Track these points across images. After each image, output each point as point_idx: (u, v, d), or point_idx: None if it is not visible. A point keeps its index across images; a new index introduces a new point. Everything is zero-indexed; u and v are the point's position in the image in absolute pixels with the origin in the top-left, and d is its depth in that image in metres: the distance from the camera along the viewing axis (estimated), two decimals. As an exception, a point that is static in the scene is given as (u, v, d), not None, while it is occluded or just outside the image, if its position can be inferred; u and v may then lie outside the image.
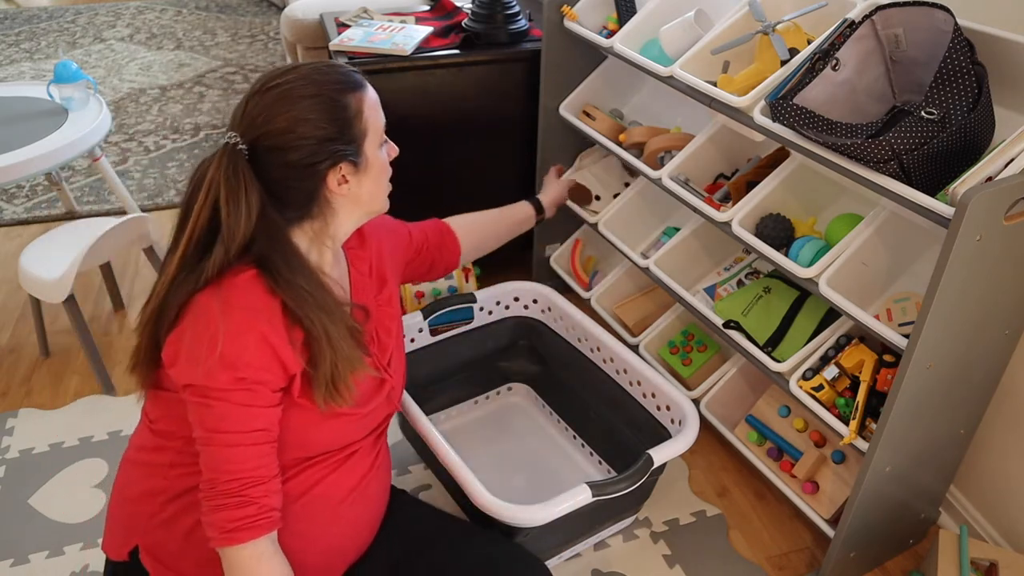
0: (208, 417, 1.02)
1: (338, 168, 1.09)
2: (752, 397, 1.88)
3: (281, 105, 1.05)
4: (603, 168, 2.25)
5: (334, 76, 1.09)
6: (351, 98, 1.10)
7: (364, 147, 1.12)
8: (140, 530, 1.14)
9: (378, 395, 1.22)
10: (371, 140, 1.13)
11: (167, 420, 1.12)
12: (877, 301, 1.54)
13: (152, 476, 1.13)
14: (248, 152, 1.05)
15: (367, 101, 1.12)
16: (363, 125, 1.11)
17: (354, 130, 1.10)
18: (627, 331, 2.11)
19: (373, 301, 1.28)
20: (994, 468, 1.63)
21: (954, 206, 1.14)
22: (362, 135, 1.11)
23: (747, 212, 1.62)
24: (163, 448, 1.12)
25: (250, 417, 1.02)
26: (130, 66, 4.35)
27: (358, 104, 1.10)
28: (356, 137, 1.10)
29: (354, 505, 1.19)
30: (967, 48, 1.23)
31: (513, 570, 1.21)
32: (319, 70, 1.09)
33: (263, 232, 1.06)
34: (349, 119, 1.09)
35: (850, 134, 1.34)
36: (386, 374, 1.25)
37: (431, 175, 2.29)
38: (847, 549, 1.54)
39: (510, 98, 2.24)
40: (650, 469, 1.45)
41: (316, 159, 1.07)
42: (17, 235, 2.84)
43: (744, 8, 1.65)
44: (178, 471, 1.11)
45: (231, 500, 1.01)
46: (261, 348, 1.02)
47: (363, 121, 1.11)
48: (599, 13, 2.07)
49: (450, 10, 2.43)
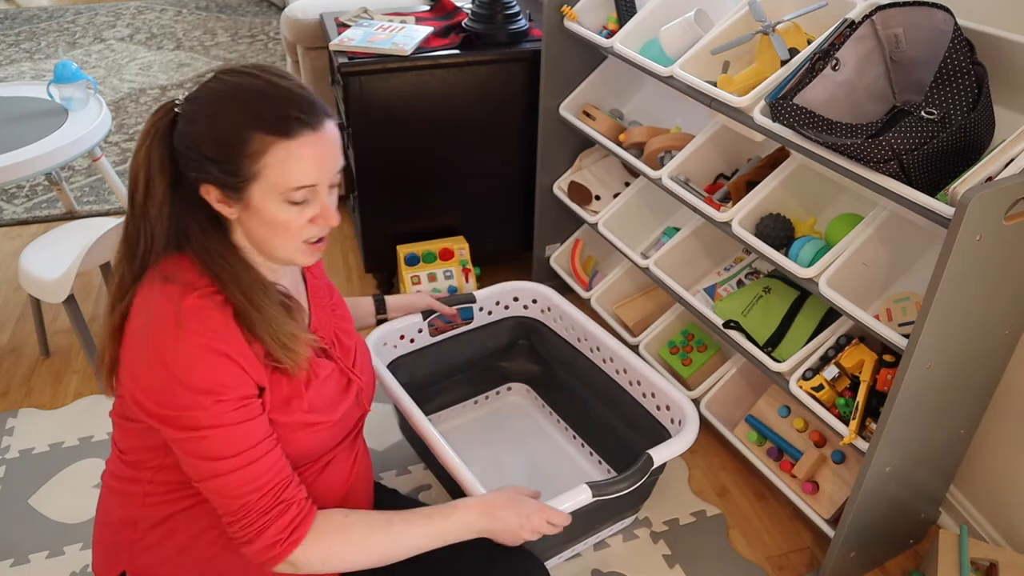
0: (206, 449, 0.98)
1: (208, 187, 1.00)
2: (752, 397, 1.88)
3: (201, 96, 0.99)
4: (603, 168, 2.25)
5: (262, 105, 0.97)
6: (256, 137, 0.96)
7: (251, 188, 0.98)
8: (125, 557, 1.13)
9: (346, 398, 1.19)
10: (263, 188, 0.98)
11: (137, 451, 1.10)
12: (877, 301, 1.54)
13: (129, 504, 1.12)
14: (175, 117, 1.01)
15: (276, 151, 0.96)
16: (256, 169, 0.97)
17: (241, 167, 0.97)
18: (627, 331, 2.11)
19: (328, 304, 1.26)
20: (994, 468, 1.63)
21: (954, 206, 1.14)
22: (250, 176, 0.98)
23: (747, 212, 1.62)
24: (136, 479, 1.11)
25: (250, 432, 1.01)
26: (130, 66, 4.35)
27: (261, 147, 0.96)
28: (241, 174, 0.97)
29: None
30: (967, 48, 1.23)
31: (511, 570, 1.21)
32: (254, 90, 0.98)
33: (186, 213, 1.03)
34: (240, 154, 0.96)
35: (850, 134, 1.34)
36: (352, 374, 1.22)
37: (431, 175, 2.29)
38: (847, 549, 1.54)
39: (510, 98, 2.24)
40: (650, 469, 1.45)
41: (188, 165, 0.99)
42: (17, 235, 2.84)
43: (744, 8, 1.65)
44: (154, 499, 1.10)
45: (273, 513, 1.00)
46: (228, 366, 0.99)
47: (259, 165, 0.97)
48: (599, 13, 2.07)
49: (450, 10, 2.43)
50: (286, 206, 1.00)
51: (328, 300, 1.27)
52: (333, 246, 2.78)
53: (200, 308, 0.99)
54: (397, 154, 2.23)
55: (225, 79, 0.99)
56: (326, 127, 1.00)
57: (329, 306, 1.26)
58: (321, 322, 1.20)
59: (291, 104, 0.97)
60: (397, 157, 2.23)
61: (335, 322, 1.25)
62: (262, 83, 0.98)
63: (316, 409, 1.12)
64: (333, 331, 1.23)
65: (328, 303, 1.26)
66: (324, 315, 1.22)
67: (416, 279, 2.30)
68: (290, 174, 0.98)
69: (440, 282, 2.31)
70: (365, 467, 1.30)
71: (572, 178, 2.25)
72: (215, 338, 0.98)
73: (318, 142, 0.99)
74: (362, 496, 1.27)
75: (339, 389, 1.18)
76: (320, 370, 1.13)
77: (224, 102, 0.98)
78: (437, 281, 2.31)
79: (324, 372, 1.14)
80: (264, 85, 0.98)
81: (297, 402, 1.08)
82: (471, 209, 2.40)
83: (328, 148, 1.00)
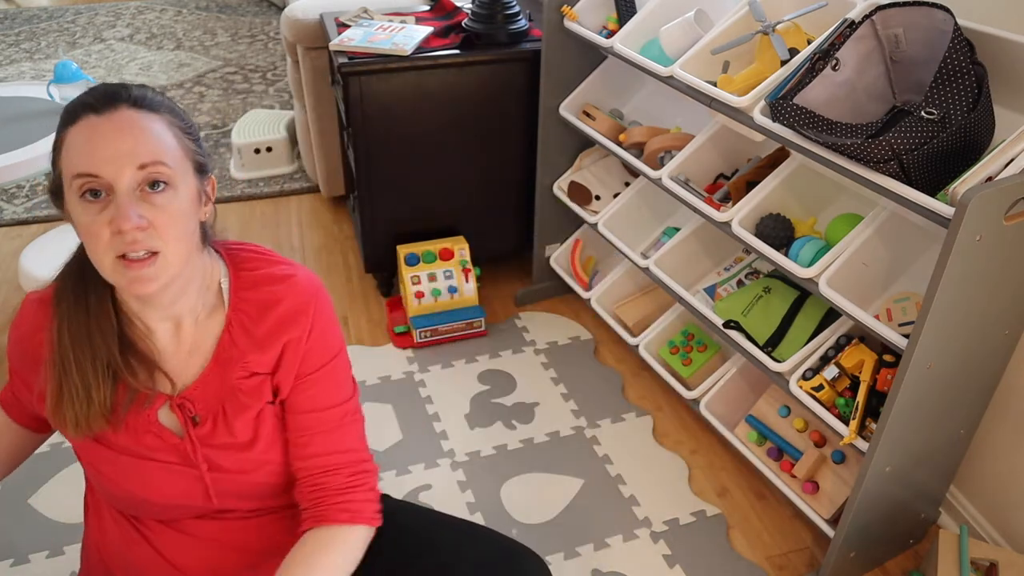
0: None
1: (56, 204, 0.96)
2: (752, 397, 1.88)
3: None
4: (603, 168, 2.25)
5: (71, 103, 0.94)
6: (61, 132, 0.93)
7: (64, 188, 0.93)
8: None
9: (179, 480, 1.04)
10: (66, 186, 0.92)
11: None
12: (877, 301, 1.54)
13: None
14: None
15: (70, 136, 0.91)
16: (60, 161, 0.93)
17: (55, 165, 0.94)
18: (627, 331, 2.11)
19: (230, 384, 1.05)
20: (994, 468, 1.63)
21: (954, 206, 1.14)
22: (57, 172, 0.93)
23: (747, 212, 1.62)
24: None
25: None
26: (130, 66, 4.35)
27: (61, 139, 0.92)
28: (55, 171, 0.94)
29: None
30: (967, 48, 1.23)
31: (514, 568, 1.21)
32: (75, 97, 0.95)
33: None
34: (55, 151, 0.94)
35: (850, 134, 1.34)
36: (196, 464, 1.04)
37: (431, 175, 2.29)
38: (847, 549, 1.54)
39: (510, 98, 2.24)
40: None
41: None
42: (17, 235, 2.84)
43: (744, 8, 1.65)
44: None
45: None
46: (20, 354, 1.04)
47: (60, 156, 0.92)
48: (599, 13, 2.07)
49: (450, 10, 2.43)
50: (82, 204, 0.90)
51: (234, 373, 1.04)
52: (333, 246, 2.78)
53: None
54: (397, 154, 2.23)
55: None
56: (117, 113, 0.91)
57: (232, 379, 1.05)
58: (208, 390, 1.04)
59: (89, 93, 0.93)
60: (397, 157, 2.23)
61: (231, 398, 1.05)
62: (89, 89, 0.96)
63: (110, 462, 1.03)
64: (218, 407, 1.05)
65: (232, 376, 1.04)
66: (218, 384, 1.05)
67: (416, 279, 2.30)
68: (71, 161, 0.91)
69: (440, 282, 2.31)
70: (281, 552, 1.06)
71: (572, 178, 2.25)
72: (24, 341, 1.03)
73: (98, 126, 0.90)
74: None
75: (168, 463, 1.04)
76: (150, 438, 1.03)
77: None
78: (437, 281, 2.31)
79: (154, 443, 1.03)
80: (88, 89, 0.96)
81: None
82: (471, 209, 2.40)
83: (112, 135, 0.90)
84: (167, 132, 0.94)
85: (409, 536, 1.26)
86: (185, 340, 1.04)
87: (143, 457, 1.03)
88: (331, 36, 2.24)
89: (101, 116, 0.90)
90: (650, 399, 2.11)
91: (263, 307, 1.06)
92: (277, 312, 1.06)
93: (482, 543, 1.21)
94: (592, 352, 2.27)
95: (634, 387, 2.16)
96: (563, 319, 2.40)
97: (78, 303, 0.98)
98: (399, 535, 1.26)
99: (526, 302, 2.47)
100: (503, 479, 1.86)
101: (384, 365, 2.21)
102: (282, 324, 1.06)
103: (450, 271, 2.32)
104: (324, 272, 2.63)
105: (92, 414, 0.98)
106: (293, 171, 3.22)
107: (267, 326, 1.06)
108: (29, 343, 1.03)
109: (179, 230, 0.94)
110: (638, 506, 1.80)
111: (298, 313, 1.06)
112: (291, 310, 1.06)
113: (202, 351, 1.04)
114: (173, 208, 0.93)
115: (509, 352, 2.27)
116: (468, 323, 2.29)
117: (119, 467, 1.03)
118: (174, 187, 0.93)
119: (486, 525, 1.45)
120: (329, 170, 2.85)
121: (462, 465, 1.90)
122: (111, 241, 0.90)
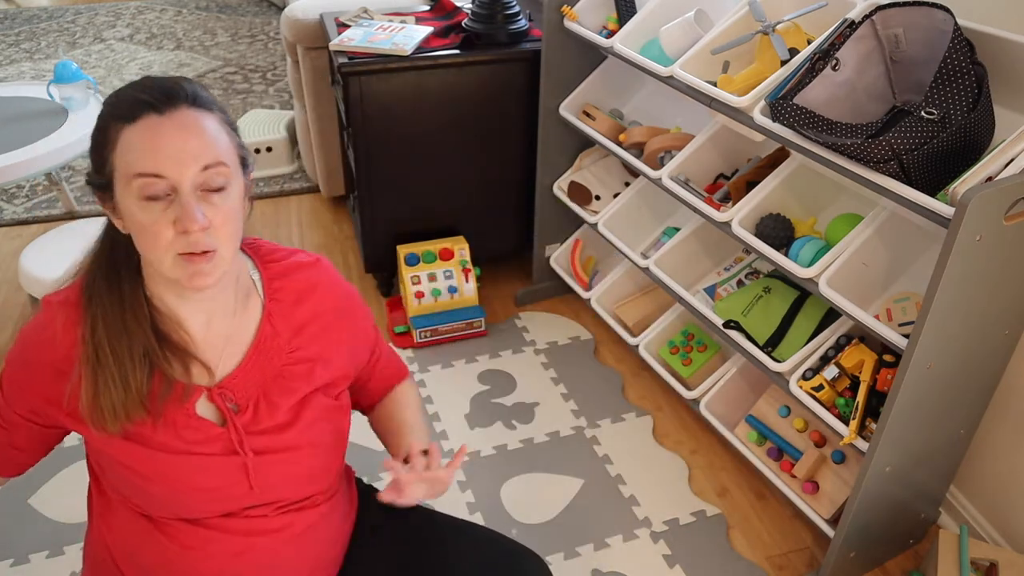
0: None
1: (98, 200, 0.97)
2: (752, 397, 1.88)
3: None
4: (603, 168, 2.25)
5: (121, 96, 0.94)
6: (112, 127, 0.92)
7: (116, 188, 0.93)
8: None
9: (220, 472, 1.04)
10: (121, 184, 0.92)
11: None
12: (877, 301, 1.54)
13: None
14: None
15: (126, 136, 0.91)
16: (112, 162, 0.92)
17: (104, 162, 0.93)
18: (627, 331, 2.11)
19: (274, 370, 1.07)
20: (994, 468, 1.63)
21: (954, 206, 1.14)
22: (110, 171, 0.93)
23: (747, 212, 1.62)
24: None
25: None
26: (130, 66, 4.35)
27: (114, 136, 0.92)
28: (104, 170, 0.94)
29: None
30: (967, 48, 1.23)
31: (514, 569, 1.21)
32: (126, 88, 0.95)
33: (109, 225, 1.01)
34: (102, 147, 0.93)
35: (850, 134, 1.34)
36: (240, 450, 1.04)
37: (431, 175, 2.29)
38: (847, 549, 1.54)
39: (510, 98, 2.24)
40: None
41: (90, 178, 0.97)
42: (17, 235, 2.84)
43: (744, 8, 1.65)
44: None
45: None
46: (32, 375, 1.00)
47: (113, 156, 0.92)
48: (599, 13, 2.07)
49: (450, 10, 2.43)
50: (141, 203, 0.91)
51: (278, 360, 1.08)
52: (333, 246, 2.78)
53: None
54: (397, 154, 2.23)
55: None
56: (178, 113, 0.92)
57: (277, 366, 1.07)
58: (248, 379, 1.05)
59: (143, 90, 0.92)
60: (397, 157, 2.23)
61: (274, 383, 1.07)
62: (135, 82, 0.95)
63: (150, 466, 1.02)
64: (260, 393, 1.06)
65: (276, 364, 1.07)
66: (258, 373, 1.06)
67: (416, 279, 2.30)
68: (131, 160, 0.90)
69: (440, 282, 2.31)
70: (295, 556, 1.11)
71: (572, 178, 2.25)
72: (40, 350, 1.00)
73: (160, 126, 0.90)
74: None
75: (209, 454, 1.04)
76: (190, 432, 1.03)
77: (103, 108, 0.96)
78: (437, 281, 2.31)
79: (195, 436, 1.03)
80: (133, 82, 0.95)
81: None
82: (471, 209, 2.40)
83: (176, 135, 0.90)
84: (221, 131, 0.96)
85: (410, 535, 1.26)
86: (219, 332, 1.05)
87: (183, 452, 1.02)
88: (331, 36, 2.24)
89: (163, 116, 0.91)
90: (650, 399, 2.11)
91: (300, 294, 1.10)
92: (316, 296, 1.12)
93: (483, 544, 1.21)
94: (592, 352, 2.27)
95: (634, 387, 2.16)
96: (563, 319, 2.40)
97: (112, 294, 0.99)
98: (400, 534, 1.26)
99: (526, 302, 2.47)
100: (503, 479, 1.86)
101: (384, 365, 2.21)
102: (323, 308, 1.12)
103: (450, 271, 2.32)
104: (324, 272, 2.63)
105: (130, 401, 0.97)
106: (293, 171, 3.22)
107: (307, 310, 1.10)
108: (58, 344, 0.99)
109: (232, 228, 0.96)
110: (638, 506, 1.80)
111: (343, 298, 1.16)
112: (330, 294, 1.14)
113: (240, 341, 1.06)
114: (227, 207, 0.94)
115: (509, 352, 2.27)
116: (468, 323, 2.29)
117: (156, 465, 1.02)
118: (229, 186, 0.95)
119: (486, 525, 1.46)
120: (329, 170, 2.85)
121: (462, 465, 1.90)
122: (174, 240, 0.91)
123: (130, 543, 1.08)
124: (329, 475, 1.15)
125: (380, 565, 1.23)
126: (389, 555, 1.24)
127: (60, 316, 1.00)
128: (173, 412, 1.01)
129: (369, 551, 1.25)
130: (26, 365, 1.02)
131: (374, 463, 1.89)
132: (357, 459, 1.90)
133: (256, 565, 1.09)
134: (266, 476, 1.06)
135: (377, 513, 1.29)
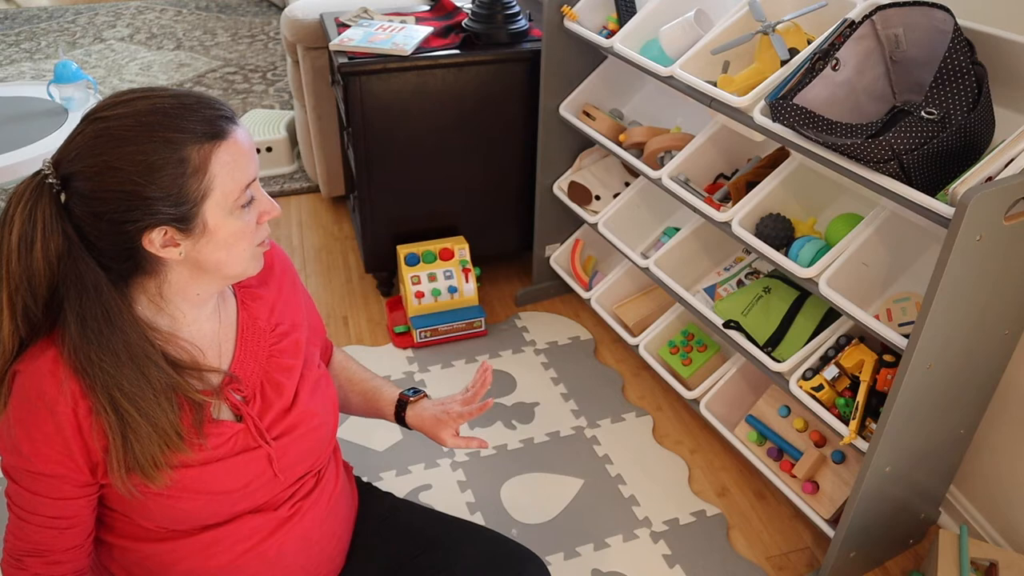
0: (8, 486, 0.96)
1: (160, 230, 0.90)
2: (752, 397, 1.88)
3: (97, 144, 0.87)
4: (603, 168, 2.25)
5: (181, 120, 0.88)
6: (194, 151, 0.88)
7: (203, 210, 0.90)
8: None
9: (247, 466, 1.04)
10: (216, 202, 0.91)
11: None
12: (877, 301, 1.54)
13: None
14: (61, 187, 0.88)
15: (218, 156, 0.90)
16: (205, 185, 0.89)
17: (187, 190, 0.88)
18: (627, 331, 2.11)
19: (264, 352, 1.09)
20: (994, 468, 1.63)
21: (954, 206, 1.14)
22: (200, 196, 0.90)
23: (747, 212, 1.62)
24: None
25: (38, 504, 0.95)
26: (130, 66, 4.35)
27: (203, 159, 0.89)
28: (189, 198, 0.89)
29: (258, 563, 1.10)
30: (967, 48, 1.23)
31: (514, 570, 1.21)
32: (161, 110, 0.88)
33: (71, 283, 0.90)
34: (182, 175, 0.88)
35: (850, 134, 1.34)
36: (263, 441, 1.05)
37: (431, 175, 2.29)
38: (847, 549, 1.54)
39: (510, 98, 2.24)
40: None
41: (125, 217, 0.88)
42: (17, 235, 2.84)
43: (744, 8, 1.65)
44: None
45: (11, 564, 0.98)
46: (51, 441, 0.92)
47: (206, 180, 0.89)
48: (599, 13, 2.07)
49: (450, 10, 2.43)
50: (238, 212, 0.93)
51: (265, 341, 1.10)
52: (333, 246, 2.78)
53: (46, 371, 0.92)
54: (397, 154, 2.23)
55: (109, 116, 0.88)
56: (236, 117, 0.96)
57: (267, 352, 1.10)
58: (247, 368, 1.07)
59: (208, 106, 0.91)
60: (397, 157, 2.23)
61: (270, 365, 1.09)
62: (141, 106, 0.89)
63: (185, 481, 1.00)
64: (262, 379, 1.08)
65: (264, 344, 1.10)
66: (253, 360, 1.08)
67: (416, 279, 2.30)
68: (237, 175, 0.92)
69: (440, 282, 2.31)
70: (302, 550, 1.13)
71: (572, 178, 2.25)
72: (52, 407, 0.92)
73: (242, 135, 0.94)
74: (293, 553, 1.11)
75: (233, 454, 1.03)
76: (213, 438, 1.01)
77: (119, 142, 0.87)
78: (437, 281, 2.31)
79: (217, 441, 1.02)
80: (146, 108, 0.89)
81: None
82: (471, 209, 2.40)
83: (242, 135, 0.94)
84: None
85: (410, 535, 1.26)
86: (211, 332, 1.05)
87: (211, 461, 1.01)
88: (331, 36, 2.24)
89: (238, 125, 0.94)
90: (650, 399, 2.11)
91: (262, 274, 1.13)
92: (274, 272, 1.16)
93: (483, 544, 1.22)
94: (592, 352, 2.27)
95: (634, 387, 2.16)
96: (563, 319, 2.40)
97: (115, 348, 0.92)
98: (400, 534, 1.26)
99: (526, 302, 2.47)
100: (503, 479, 1.86)
101: (384, 365, 2.21)
102: (281, 281, 1.17)
103: (450, 271, 2.32)
104: (324, 272, 2.63)
105: (169, 443, 0.96)
106: (293, 171, 3.22)
107: (271, 289, 1.14)
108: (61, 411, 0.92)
109: None
110: (638, 506, 1.80)
111: (287, 264, 1.20)
112: (280, 265, 1.18)
113: (228, 336, 1.08)
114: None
115: (509, 352, 2.27)
116: (468, 323, 2.29)
117: (186, 483, 1.00)
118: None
119: (486, 525, 1.46)
120: (329, 170, 2.85)
121: (462, 465, 1.90)
122: (256, 234, 0.98)
123: (128, 558, 1.08)
124: (330, 444, 1.20)
125: (380, 564, 1.23)
126: (389, 552, 1.24)
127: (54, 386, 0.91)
128: (208, 428, 1.01)
129: (370, 550, 1.25)
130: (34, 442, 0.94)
131: (374, 463, 1.89)
132: (357, 459, 1.90)
133: (260, 561, 1.09)
134: (286, 459, 1.09)
135: (378, 512, 1.29)
